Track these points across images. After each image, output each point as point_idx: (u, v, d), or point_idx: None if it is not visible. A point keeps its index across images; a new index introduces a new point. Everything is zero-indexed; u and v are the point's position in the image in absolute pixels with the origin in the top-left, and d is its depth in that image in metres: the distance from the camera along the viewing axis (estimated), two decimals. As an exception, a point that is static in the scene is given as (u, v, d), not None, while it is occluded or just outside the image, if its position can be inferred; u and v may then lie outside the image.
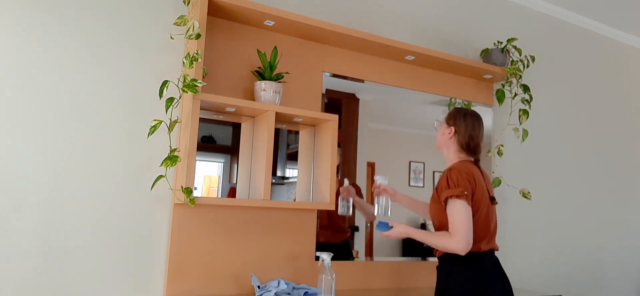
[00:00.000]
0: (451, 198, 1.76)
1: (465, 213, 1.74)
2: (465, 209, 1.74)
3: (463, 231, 1.72)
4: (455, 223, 1.75)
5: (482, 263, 1.82)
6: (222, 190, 2.08)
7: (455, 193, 1.75)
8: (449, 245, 1.75)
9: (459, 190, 1.75)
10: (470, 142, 1.92)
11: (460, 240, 1.72)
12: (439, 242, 1.80)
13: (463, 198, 1.74)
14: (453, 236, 1.74)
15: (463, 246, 1.72)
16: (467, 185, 1.77)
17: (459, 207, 1.75)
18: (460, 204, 1.75)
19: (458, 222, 1.74)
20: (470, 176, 1.80)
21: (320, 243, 2.25)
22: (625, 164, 3.55)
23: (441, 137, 1.99)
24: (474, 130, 1.93)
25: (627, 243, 3.46)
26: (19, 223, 1.70)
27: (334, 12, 2.44)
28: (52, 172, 1.77)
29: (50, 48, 1.80)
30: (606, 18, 3.45)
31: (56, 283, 1.74)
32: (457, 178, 1.78)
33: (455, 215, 1.75)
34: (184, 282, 1.92)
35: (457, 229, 1.74)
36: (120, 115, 1.90)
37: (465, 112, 1.97)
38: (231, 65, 2.11)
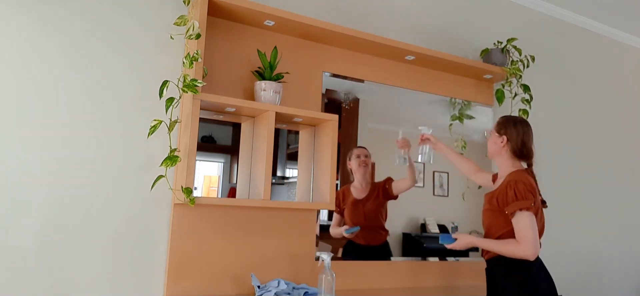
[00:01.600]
0: (521, 210, 1.85)
1: (532, 223, 1.85)
2: (532, 220, 1.85)
3: (532, 239, 1.83)
4: (524, 232, 1.84)
5: (533, 265, 1.90)
6: (222, 190, 2.08)
7: (525, 206, 1.85)
8: (520, 252, 1.85)
9: (527, 203, 1.85)
10: (523, 148, 2.01)
11: (530, 247, 1.83)
12: (509, 250, 1.88)
13: (531, 210, 1.85)
14: (522, 244, 1.84)
15: (533, 253, 1.83)
16: (532, 197, 1.87)
17: (527, 218, 1.85)
18: (528, 215, 1.85)
19: (527, 230, 1.84)
20: (533, 188, 1.91)
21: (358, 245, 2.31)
22: (626, 164, 3.55)
23: (493, 146, 2.07)
24: (525, 135, 2.02)
25: (627, 243, 3.46)
26: (20, 224, 1.70)
27: (334, 12, 2.44)
28: (52, 172, 1.77)
29: (50, 48, 1.80)
30: (606, 18, 3.45)
31: (56, 283, 1.74)
32: (524, 191, 1.87)
33: (524, 225, 1.85)
34: (184, 282, 1.92)
35: (525, 238, 1.84)
36: (120, 115, 1.90)
37: (515, 119, 2.06)
38: (231, 65, 2.11)
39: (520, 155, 2.01)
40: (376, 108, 2.48)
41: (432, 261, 2.54)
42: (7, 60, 1.73)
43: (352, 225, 2.31)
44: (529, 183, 1.90)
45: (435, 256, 2.56)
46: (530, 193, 1.87)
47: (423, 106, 2.63)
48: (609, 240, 3.36)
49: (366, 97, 2.46)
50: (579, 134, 3.32)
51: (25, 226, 1.71)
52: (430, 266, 2.53)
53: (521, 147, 2.00)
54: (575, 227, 3.20)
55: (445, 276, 2.56)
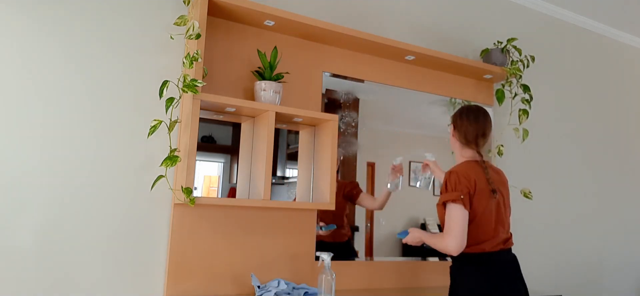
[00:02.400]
0: (448, 202, 1.83)
1: (459, 215, 1.80)
2: (461, 212, 1.80)
3: (454, 232, 1.79)
4: (448, 225, 1.82)
5: (490, 264, 1.84)
6: (222, 190, 2.08)
7: (452, 198, 1.81)
8: (442, 245, 1.82)
9: (455, 195, 1.81)
10: (468, 136, 1.95)
11: (451, 240, 1.79)
12: (436, 243, 1.87)
13: (459, 202, 1.80)
14: (445, 237, 1.82)
15: (454, 247, 1.78)
16: (462, 189, 1.81)
17: (454, 210, 1.81)
18: (455, 207, 1.81)
19: (451, 223, 1.81)
20: (467, 180, 1.83)
21: (323, 242, 2.26)
22: (626, 164, 3.55)
23: (450, 140, 2.05)
24: (469, 124, 1.96)
25: (627, 243, 3.46)
26: (20, 223, 1.70)
27: (334, 12, 2.44)
28: (52, 172, 1.77)
29: (50, 48, 1.80)
30: (606, 18, 3.45)
31: (56, 283, 1.74)
32: (455, 182, 1.83)
33: (450, 217, 1.82)
34: (184, 282, 1.92)
35: (449, 230, 1.81)
36: (120, 115, 1.90)
37: (464, 108, 2.02)
38: (231, 65, 2.11)
39: (468, 143, 1.96)
40: (376, 108, 2.48)
41: (432, 261, 2.54)
42: (7, 60, 1.73)
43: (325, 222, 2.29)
44: (463, 174, 1.84)
45: (435, 257, 2.56)
46: (461, 184, 1.81)
47: (423, 106, 2.63)
48: (609, 240, 3.36)
49: (366, 97, 2.46)
50: (579, 134, 3.32)
51: (25, 226, 1.71)
52: (430, 266, 2.53)
53: (466, 134, 1.95)
54: (574, 227, 3.20)
55: (446, 276, 2.56)
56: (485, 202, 1.84)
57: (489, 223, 1.85)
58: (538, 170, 3.07)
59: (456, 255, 1.81)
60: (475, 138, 1.95)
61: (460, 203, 1.80)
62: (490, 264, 1.85)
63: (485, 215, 1.85)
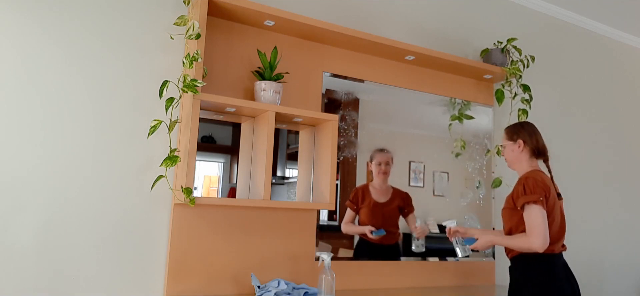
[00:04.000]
0: (528, 203, 1.89)
1: (541, 215, 1.87)
2: (541, 212, 1.87)
3: (539, 230, 1.85)
4: (532, 224, 1.87)
5: (554, 265, 1.93)
6: (222, 190, 2.08)
7: (532, 199, 1.88)
8: (527, 244, 1.87)
9: (535, 196, 1.88)
10: (539, 146, 2.07)
11: (537, 237, 1.85)
12: (518, 242, 1.91)
13: (539, 204, 1.87)
14: (530, 235, 1.87)
15: (540, 243, 1.84)
16: (541, 192, 1.89)
17: (535, 210, 1.87)
18: (537, 208, 1.87)
19: (535, 222, 1.86)
20: (544, 184, 1.93)
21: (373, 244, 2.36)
22: (626, 164, 3.55)
23: (511, 154, 2.11)
24: (535, 133, 2.10)
25: (627, 243, 3.46)
26: (20, 224, 1.70)
27: (334, 12, 2.44)
28: (52, 172, 1.77)
29: (50, 48, 1.80)
30: (606, 18, 3.45)
31: (57, 283, 1.74)
32: (533, 186, 1.91)
33: (532, 217, 1.87)
34: (184, 282, 1.92)
35: (533, 229, 1.86)
36: (120, 115, 1.90)
37: (522, 123, 2.14)
38: (231, 65, 2.11)
39: (538, 154, 2.07)
40: (376, 108, 2.48)
41: (432, 261, 2.54)
42: (7, 60, 1.73)
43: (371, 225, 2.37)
44: (539, 179, 1.93)
45: (435, 257, 2.56)
46: (540, 187, 1.90)
47: (423, 106, 2.63)
48: (609, 240, 3.36)
49: (366, 97, 2.46)
50: (579, 134, 3.32)
51: (25, 226, 1.71)
52: (430, 266, 2.53)
53: (536, 144, 2.07)
54: (575, 227, 3.20)
55: (446, 276, 2.56)
56: (554, 205, 1.95)
57: (558, 226, 1.96)
58: (538, 170, 3.06)
59: (542, 251, 1.86)
60: (544, 149, 2.09)
61: (540, 204, 1.87)
62: (557, 265, 1.94)
63: (555, 218, 1.95)
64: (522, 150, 2.07)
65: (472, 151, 2.75)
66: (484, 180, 2.77)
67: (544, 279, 1.91)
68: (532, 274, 1.93)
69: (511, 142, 2.10)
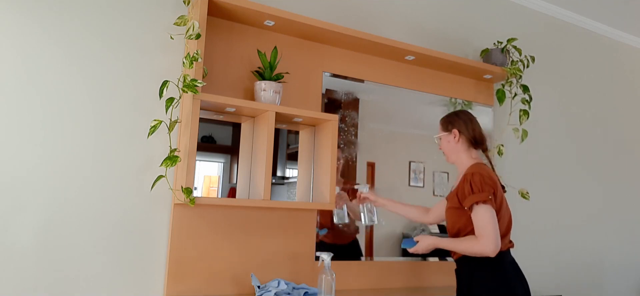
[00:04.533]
0: (477, 203, 1.77)
1: (491, 216, 1.76)
2: (491, 213, 1.76)
3: (491, 234, 1.74)
4: (482, 227, 1.76)
5: (503, 263, 1.83)
6: (222, 190, 2.08)
7: (481, 199, 1.76)
8: (478, 248, 1.76)
9: (484, 195, 1.76)
10: (476, 135, 1.95)
11: (489, 243, 1.74)
12: (468, 247, 1.80)
13: (489, 203, 1.76)
14: (480, 239, 1.75)
15: (492, 249, 1.74)
16: (490, 190, 1.78)
17: (484, 211, 1.76)
18: (486, 208, 1.76)
19: (486, 225, 1.75)
20: (491, 180, 1.82)
21: (327, 244, 2.26)
22: (625, 164, 3.55)
23: (447, 146, 1.99)
24: (471, 121, 1.97)
25: (627, 243, 3.46)
26: (19, 224, 1.70)
27: (334, 12, 2.44)
28: (52, 172, 1.77)
29: (50, 48, 1.80)
30: (606, 18, 3.45)
31: (56, 283, 1.74)
32: (480, 183, 1.79)
33: (483, 219, 1.76)
34: (184, 282, 1.92)
35: (484, 232, 1.75)
36: (120, 115, 1.90)
37: (457, 111, 2.02)
38: (231, 65, 2.11)
39: (476, 144, 1.95)
40: (376, 108, 2.48)
41: (432, 262, 2.54)
42: (7, 60, 1.73)
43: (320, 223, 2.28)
44: (486, 175, 1.81)
45: (436, 257, 2.56)
46: (488, 185, 1.78)
47: (423, 106, 2.63)
48: (609, 240, 3.36)
49: (366, 97, 2.46)
50: (579, 134, 3.32)
51: (25, 226, 1.71)
52: (430, 266, 2.53)
53: (473, 133, 1.94)
54: (575, 227, 3.20)
55: (446, 276, 2.56)
56: (502, 201, 1.86)
57: (506, 222, 1.87)
58: (538, 171, 3.07)
59: (493, 256, 1.75)
60: (482, 138, 1.96)
61: (490, 204, 1.76)
62: (506, 262, 1.85)
63: (503, 214, 1.86)
64: (458, 140, 1.94)
65: (472, 151, 2.74)
66: (484, 180, 2.76)
67: (494, 279, 1.80)
68: (481, 275, 1.81)
69: (446, 132, 1.97)
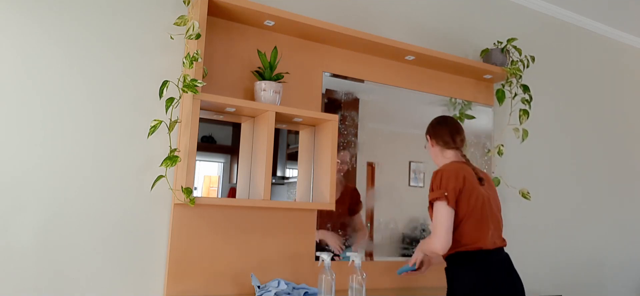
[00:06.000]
0: (434, 200, 1.85)
1: (444, 214, 1.81)
2: (446, 210, 1.81)
3: (439, 231, 1.80)
4: (434, 225, 1.84)
5: (487, 262, 1.85)
6: (222, 190, 2.08)
7: (437, 196, 1.84)
8: (430, 247, 1.84)
9: (439, 193, 1.83)
10: (445, 137, 2.03)
11: (436, 240, 1.81)
12: (427, 247, 1.96)
13: (443, 199, 1.82)
14: (432, 238, 1.84)
15: (439, 246, 1.80)
16: (445, 187, 1.83)
17: (438, 208, 1.83)
18: (441, 205, 1.82)
19: (436, 223, 1.83)
20: (457, 176, 1.85)
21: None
22: (625, 164, 3.55)
23: (430, 153, 2.12)
24: (441, 127, 2.06)
25: (627, 243, 3.46)
26: (20, 224, 1.70)
27: (334, 12, 2.44)
28: (52, 172, 1.77)
29: (50, 48, 1.80)
30: (606, 18, 3.45)
31: (56, 283, 1.74)
32: (439, 181, 1.86)
33: (435, 217, 1.84)
34: (184, 282, 1.92)
35: (434, 230, 1.83)
36: (120, 115, 1.90)
37: (433, 120, 2.12)
38: (231, 65, 2.11)
39: (446, 144, 2.03)
40: (376, 108, 2.48)
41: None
42: (7, 60, 1.73)
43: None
44: (449, 171, 1.86)
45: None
46: (446, 181, 1.83)
47: (423, 106, 2.63)
48: (609, 240, 3.36)
49: (366, 97, 2.46)
50: (579, 134, 3.32)
51: (25, 226, 1.71)
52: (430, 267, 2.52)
53: (442, 136, 2.03)
54: (575, 227, 3.20)
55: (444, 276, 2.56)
56: (476, 197, 1.86)
57: (483, 219, 1.87)
58: (538, 170, 3.07)
59: (442, 253, 1.82)
60: (451, 136, 2.02)
61: (444, 200, 1.81)
62: (488, 262, 1.85)
63: (478, 211, 1.86)
64: (433, 144, 2.07)
65: (472, 151, 2.75)
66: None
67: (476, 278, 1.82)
68: (463, 274, 1.86)
69: (427, 141, 2.12)
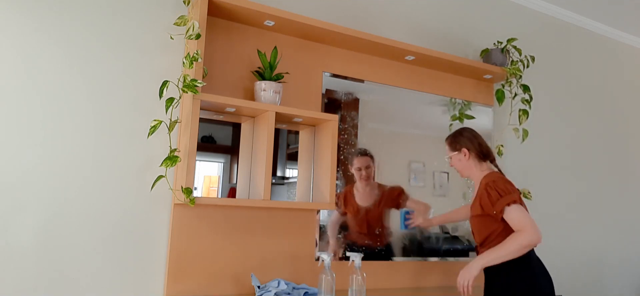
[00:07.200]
0: (508, 205, 1.88)
1: (523, 211, 1.88)
2: (523, 209, 1.89)
3: (530, 224, 1.85)
4: (521, 222, 1.86)
5: (531, 263, 1.93)
6: (222, 190, 2.08)
7: (512, 200, 1.88)
8: (525, 241, 1.84)
9: (513, 196, 1.89)
10: (482, 149, 2.08)
11: (533, 232, 1.83)
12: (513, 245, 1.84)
13: (518, 202, 1.89)
14: (524, 232, 1.84)
15: (538, 236, 1.84)
16: (514, 190, 1.92)
17: (518, 209, 1.88)
18: (517, 207, 1.88)
19: (523, 219, 1.86)
20: (510, 182, 1.96)
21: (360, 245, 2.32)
22: (625, 164, 3.55)
23: (459, 164, 2.11)
24: (477, 137, 2.10)
25: (627, 242, 3.46)
26: (20, 224, 1.70)
27: (334, 12, 2.44)
28: (52, 172, 1.77)
29: (50, 48, 1.80)
30: (606, 18, 3.45)
31: (56, 283, 1.74)
32: (504, 187, 1.92)
33: (518, 216, 1.87)
34: (184, 282, 1.92)
35: (525, 225, 1.85)
36: (120, 116, 1.90)
37: (460, 131, 2.14)
38: (231, 65, 2.11)
39: (484, 157, 2.08)
40: (376, 108, 2.48)
41: (432, 261, 2.54)
42: (7, 60, 1.73)
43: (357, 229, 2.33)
44: (505, 179, 1.98)
45: (436, 257, 2.56)
46: (510, 186, 1.93)
47: (423, 106, 2.63)
48: (609, 239, 3.36)
49: (366, 97, 2.46)
50: (579, 134, 3.32)
51: (25, 226, 1.71)
52: (430, 266, 2.53)
53: (480, 148, 2.08)
54: (575, 227, 3.20)
55: (446, 276, 2.56)
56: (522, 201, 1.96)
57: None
58: (538, 170, 3.07)
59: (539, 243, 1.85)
60: (489, 150, 2.09)
61: (519, 202, 1.89)
62: (531, 263, 1.94)
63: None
64: (469, 157, 2.07)
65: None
66: (484, 180, 2.76)
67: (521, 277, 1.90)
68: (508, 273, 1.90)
69: (456, 152, 2.11)
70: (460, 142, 2.10)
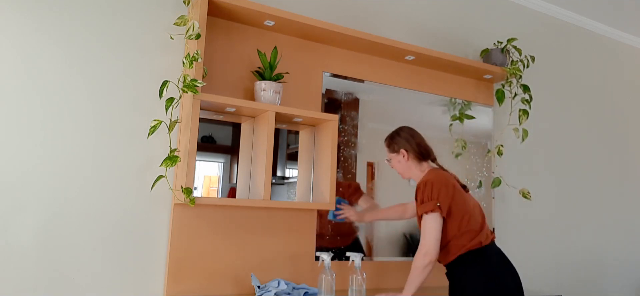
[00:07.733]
0: (426, 213, 1.84)
1: (435, 226, 1.82)
2: (436, 222, 1.82)
3: (428, 244, 1.81)
4: (425, 237, 1.83)
5: (489, 256, 1.88)
6: (222, 190, 2.08)
7: (429, 208, 1.83)
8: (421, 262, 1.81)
9: (431, 204, 1.83)
10: (421, 149, 2.01)
11: (426, 253, 1.80)
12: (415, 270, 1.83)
13: (436, 211, 1.82)
14: (420, 252, 1.82)
15: (430, 258, 1.80)
16: (440, 196, 1.83)
17: (430, 221, 1.83)
18: (431, 218, 1.83)
19: (428, 234, 1.82)
20: (445, 183, 1.87)
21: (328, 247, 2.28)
22: (625, 164, 3.55)
23: (399, 166, 2.05)
24: (414, 137, 2.04)
25: (627, 242, 3.46)
26: (20, 224, 1.70)
27: (334, 12, 2.44)
28: (52, 172, 1.77)
29: (50, 48, 1.80)
30: (606, 18, 3.45)
31: (56, 283, 1.74)
32: (429, 193, 1.85)
33: (426, 229, 1.83)
34: (184, 282, 1.92)
35: (426, 241, 1.82)
36: (120, 116, 1.90)
37: (397, 131, 2.07)
38: (231, 65, 2.11)
39: (423, 157, 2.02)
40: (376, 108, 2.48)
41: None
42: (7, 60, 1.73)
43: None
44: (437, 182, 1.86)
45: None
46: (436, 192, 1.84)
47: (423, 106, 2.63)
48: (608, 240, 3.36)
49: (366, 97, 2.46)
50: (579, 134, 3.32)
51: (25, 226, 1.71)
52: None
53: (419, 148, 2.01)
54: (575, 227, 3.20)
55: (444, 276, 2.56)
56: (466, 200, 1.91)
57: (477, 219, 1.92)
58: (538, 170, 3.07)
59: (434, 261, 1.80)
60: (428, 149, 2.03)
61: (437, 211, 1.82)
62: (490, 257, 1.89)
63: (470, 211, 1.90)
64: (408, 158, 2.01)
65: (473, 151, 2.75)
66: (484, 180, 2.77)
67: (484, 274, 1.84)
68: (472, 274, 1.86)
69: (395, 153, 2.04)
70: (398, 143, 2.03)
